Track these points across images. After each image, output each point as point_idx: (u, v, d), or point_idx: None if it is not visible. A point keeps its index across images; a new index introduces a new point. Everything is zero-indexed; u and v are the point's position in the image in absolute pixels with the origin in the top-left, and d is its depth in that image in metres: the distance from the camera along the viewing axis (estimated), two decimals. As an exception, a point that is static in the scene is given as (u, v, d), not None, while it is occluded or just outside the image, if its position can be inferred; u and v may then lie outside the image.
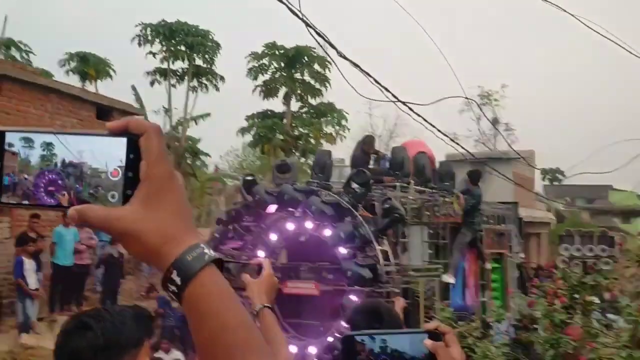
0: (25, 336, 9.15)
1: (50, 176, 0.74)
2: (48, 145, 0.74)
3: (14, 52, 22.68)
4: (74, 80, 20.50)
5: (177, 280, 0.73)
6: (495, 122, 33.43)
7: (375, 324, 2.18)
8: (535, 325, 4.32)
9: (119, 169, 0.74)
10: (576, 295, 4.34)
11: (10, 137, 0.74)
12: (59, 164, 0.74)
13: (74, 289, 10.70)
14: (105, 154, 0.74)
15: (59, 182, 0.74)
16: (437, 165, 11.06)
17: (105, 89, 21.04)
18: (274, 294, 1.81)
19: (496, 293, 11.35)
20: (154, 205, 0.74)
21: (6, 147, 0.74)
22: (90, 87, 20.67)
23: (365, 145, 9.83)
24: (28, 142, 0.74)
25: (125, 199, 0.74)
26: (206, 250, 0.75)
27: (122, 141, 0.74)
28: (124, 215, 0.73)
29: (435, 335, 1.06)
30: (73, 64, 21.23)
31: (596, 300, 5.05)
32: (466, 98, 7.03)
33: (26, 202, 0.74)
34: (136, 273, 13.94)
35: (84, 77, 21.25)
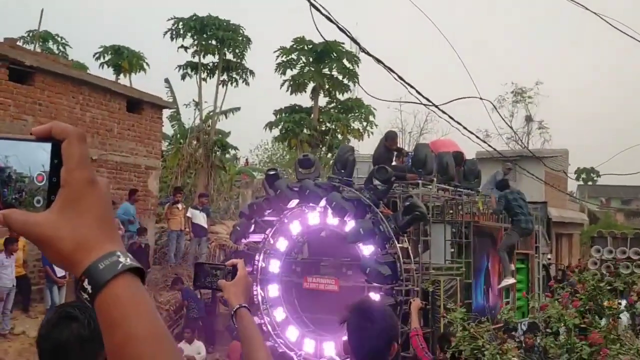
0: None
1: None
2: None
3: (51, 44, 23.29)
4: (108, 73, 20.92)
5: (89, 288, 0.73)
6: (528, 119, 32.84)
7: (367, 324, 2.16)
8: (548, 330, 4.23)
9: (43, 173, 0.75)
10: (593, 300, 4.24)
11: None
12: None
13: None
14: (30, 159, 0.75)
15: None
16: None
17: (138, 82, 21.41)
18: (249, 293, 1.84)
19: (520, 294, 11.17)
20: (70, 211, 0.74)
21: None
22: (124, 80, 21.08)
23: (388, 141, 9.76)
24: None
25: (50, 204, 0.75)
26: (121, 259, 0.74)
27: (48, 146, 0.75)
28: (40, 221, 0.74)
29: None
30: (107, 57, 21.61)
31: (619, 304, 4.93)
32: (480, 99, 6.89)
33: None
34: (162, 263, 14.18)
35: (118, 70, 21.62)
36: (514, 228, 10.31)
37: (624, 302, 5.61)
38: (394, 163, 9.77)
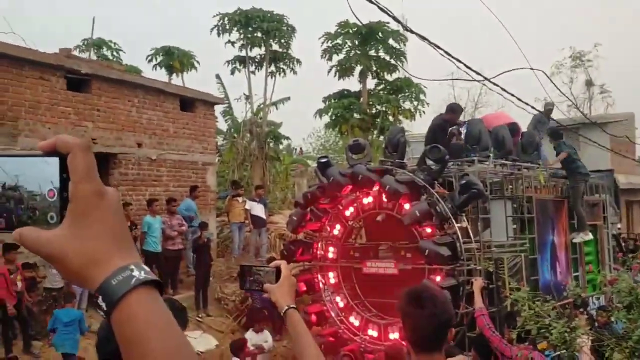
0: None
1: None
2: None
3: (105, 51, 24.12)
4: (161, 74, 21.48)
5: (103, 305, 0.72)
6: (589, 84, 31.33)
7: (417, 309, 2.14)
8: (620, 304, 4.04)
9: (54, 189, 0.75)
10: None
11: None
12: None
13: (168, 272, 11.33)
14: (39, 175, 0.75)
15: (1, 205, 0.76)
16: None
17: (190, 80, 21.89)
18: (294, 292, 1.87)
19: (590, 267, 10.76)
20: (78, 226, 0.73)
21: None
22: (176, 79, 21.60)
23: (448, 114, 9.44)
24: None
25: (62, 219, 0.74)
26: (135, 273, 0.72)
27: (55, 161, 0.75)
28: (50, 239, 0.73)
29: None
30: (159, 59, 22.16)
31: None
32: (531, 69, 6.59)
33: None
34: (226, 256, 14.52)
35: (170, 70, 22.15)
36: (575, 177, 10.12)
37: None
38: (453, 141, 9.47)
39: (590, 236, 10.26)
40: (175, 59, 21.86)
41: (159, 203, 11.63)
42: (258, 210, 13.76)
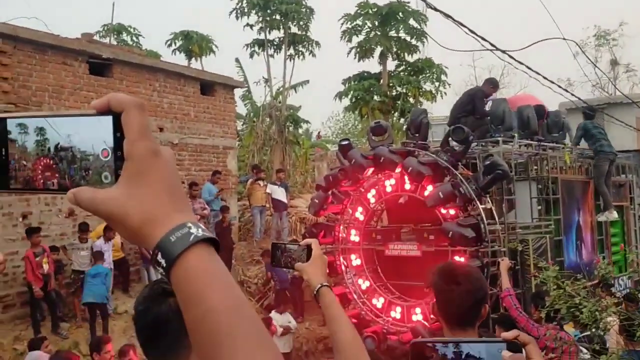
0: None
1: (45, 161, 0.75)
2: (40, 130, 0.75)
3: (125, 36, 24.22)
4: (180, 59, 21.51)
5: (163, 262, 0.71)
6: (614, 63, 30.61)
7: (452, 286, 2.12)
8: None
9: (108, 149, 0.73)
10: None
11: (7, 124, 0.76)
12: (52, 149, 0.75)
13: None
14: (92, 135, 0.74)
15: (54, 166, 0.75)
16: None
17: (209, 64, 21.89)
18: (326, 270, 1.84)
19: (616, 248, 10.60)
20: (136, 185, 0.72)
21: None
22: (195, 64, 21.61)
23: (490, 87, 9.37)
24: (23, 128, 0.75)
25: (118, 179, 0.73)
26: (192, 230, 0.72)
27: (109, 120, 0.73)
28: (107, 197, 0.72)
29: (514, 345, 0.96)
30: (178, 43, 22.17)
31: None
32: (564, 39, 6.44)
33: (29, 187, 0.77)
34: (247, 239, 14.62)
35: (189, 54, 22.16)
36: (599, 155, 10.06)
37: None
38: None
39: (615, 215, 10.13)
40: (194, 43, 21.85)
41: (197, 188, 11.72)
42: (279, 194, 13.80)
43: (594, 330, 3.81)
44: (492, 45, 7.38)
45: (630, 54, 49.63)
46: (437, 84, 19.66)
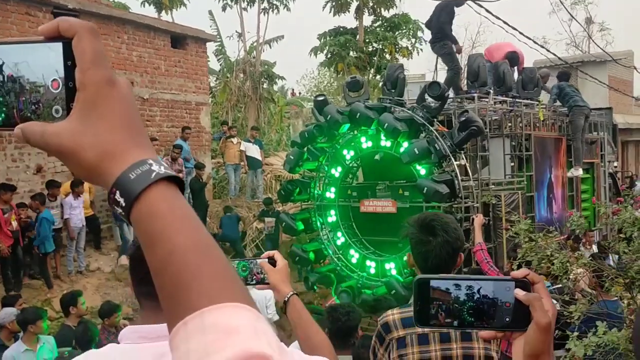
0: (124, 257, 9.91)
1: None
2: None
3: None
4: (150, 11, 20.79)
5: (121, 201, 0.65)
6: (588, 22, 30.69)
7: (429, 237, 2.11)
8: (621, 235, 4.04)
9: (59, 79, 0.66)
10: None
11: None
12: None
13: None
14: (42, 64, 0.66)
15: (0, 99, 0.67)
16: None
17: (180, 18, 21.23)
18: (289, 278, 1.85)
19: (586, 204, 10.83)
20: (90, 117, 0.65)
21: None
22: (166, 17, 20.92)
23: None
24: None
25: (70, 112, 0.66)
26: (154, 167, 0.66)
27: (59, 47, 0.65)
28: (59, 131, 0.66)
29: (523, 283, 0.95)
30: (148, -5, 21.39)
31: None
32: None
33: None
34: (222, 197, 14.54)
35: (159, 7, 21.44)
36: (574, 110, 10.19)
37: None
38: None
39: (580, 172, 10.32)
40: (164, -4, 21.10)
41: (156, 144, 11.47)
42: (253, 151, 13.67)
43: (565, 281, 3.89)
44: (470, -2, 7.27)
45: (604, 12, 49.89)
46: (413, 40, 19.48)
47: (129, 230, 10.42)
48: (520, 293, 0.94)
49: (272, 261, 1.79)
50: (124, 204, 0.65)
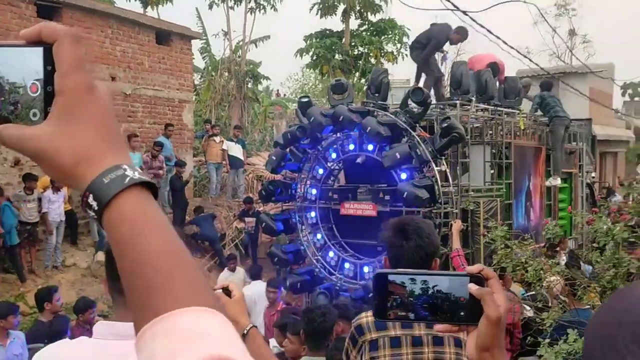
0: (100, 253, 9.80)
1: None
2: None
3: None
4: (135, 7, 20.62)
5: (94, 204, 0.66)
6: (572, 33, 31.16)
7: (402, 241, 2.12)
8: (595, 244, 4.11)
9: (37, 82, 0.67)
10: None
11: None
12: None
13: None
14: (23, 66, 0.67)
15: None
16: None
17: (166, 15, 21.08)
18: (247, 310, 1.81)
19: (563, 213, 10.98)
20: (67, 121, 0.67)
21: None
22: (152, 12, 20.76)
23: (458, 35, 9.37)
24: None
25: (47, 116, 0.67)
26: (128, 172, 0.67)
27: (40, 52, 0.66)
28: (37, 134, 0.67)
29: (478, 278, 0.97)
30: (134, -10, 21.22)
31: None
32: (524, 2, 6.45)
33: None
34: (203, 195, 14.46)
35: (145, 2, 21.28)
36: (554, 120, 10.32)
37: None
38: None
39: (558, 181, 10.48)
40: (151, -9, 20.94)
41: (138, 139, 11.38)
42: (235, 150, 13.63)
43: (538, 288, 3.94)
44: (454, 5, 7.35)
45: (587, 25, 50.68)
46: (398, 45, 19.59)
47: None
48: (473, 287, 0.96)
49: (228, 292, 1.73)
50: (96, 208, 0.66)
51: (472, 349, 0.97)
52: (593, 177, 14.03)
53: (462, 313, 0.97)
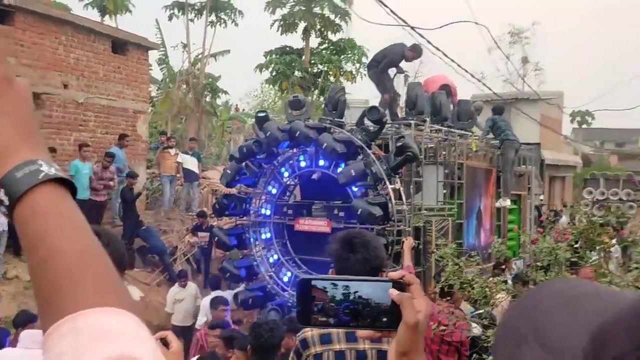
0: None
1: None
2: None
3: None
4: (93, 15, 20.26)
5: (5, 199, 0.64)
6: (524, 61, 32.34)
7: (349, 254, 2.12)
8: (539, 263, 4.22)
9: None
10: (585, 234, 4.20)
11: None
12: None
13: (91, 221, 10.84)
14: None
15: None
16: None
17: (124, 24, 20.77)
18: None
19: (513, 234, 11.27)
20: None
21: None
22: (110, 21, 20.44)
23: (413, 52, 9.47)
24: None
25: None
26: (44, 168, 0.65)
27: None
28: None
29: (400, 285, 0.98)
30: (92, -2, 20.88)
31: (610, 240, 4.92)
32: (476, 23, 6.69)
33: None
34: (155, 208, 14.15)
35: (102, 11, 20.96)
36: (505, 143, 10.59)
37: (614, 240, 5.63)
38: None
39: (508, 202, 10.76)
40: (109, 0, 20.65)
41: (90, 149, 11.06)
42: (190, 163, 13.43)
43: (484, 305, 4.00)
44: (403, 21, 7.51)
45: (539, 53, 52.79)
46: (357, 65, 19.86)
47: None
48: (394, 293, 0.96)
49: (165, 342, 1.64)
50: (7, 203, 0.64)
51: (391, 354, 0.97)
52: (541, 200, 14.49)
53: (384, 319, 0.96)
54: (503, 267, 8.13)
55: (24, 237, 0.64)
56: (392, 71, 9.70)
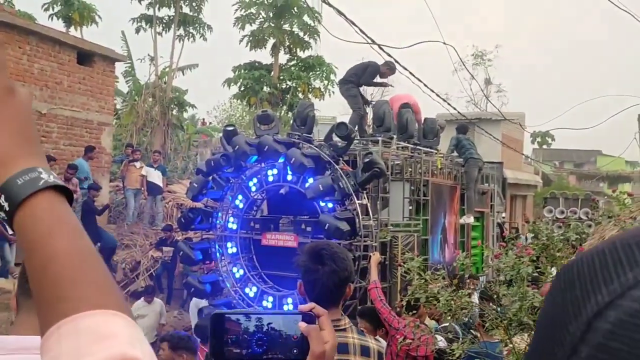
0: (3, 281, 9.14)
1: None
2: None
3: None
4: (58, 25, 19.91)
5: (5, 205, 0.66)
6: (487, 82, 33.21)
7: (318, 265, 2.15)
8: (501, 278, 4.31)
9: None
10: (546, 250, 4.31)
11: None
12: None
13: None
14: None
15: None
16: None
17: (90, 36, 20.50)
18: None
19: (476, 250, 11.47)
20: None
21: None
22: (75, 32, 20.11)
23: (388, 69, 9.62)
24: None
25: None
26: (43, 175, 0.67)
27: None
28: None
29: (309, 317, 1.02)
30: (57, 8, 20.53)
31: (571, 255, 5.07)
32: (444, 43, 6.88)
33: None
34: (118, 222, 13.89)
35: (68, 22, 20.63)
36: (469, 161, 10.87)
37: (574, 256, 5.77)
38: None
39: (472, 219, 10.98)
40: (74, 11, 20.34)
41: (54, 163, 10.81)
42: (154, 176, 13.26)
43: (449, 319, 4.06)
44: (380, 47, 7.66)
45: (501, 75, 54.25)
46: (326, 82, 20.04)
47: (11, 251, 9.65)
48: (302, 325, 1.00)
49: None
50: (7, 209, 0.66)
51: None
52: (503, 218, 14.81)
53: (294, 350, 1.00)
54: (467, 280, 8.25)
55: (23, 242, 0.66)
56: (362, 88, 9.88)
